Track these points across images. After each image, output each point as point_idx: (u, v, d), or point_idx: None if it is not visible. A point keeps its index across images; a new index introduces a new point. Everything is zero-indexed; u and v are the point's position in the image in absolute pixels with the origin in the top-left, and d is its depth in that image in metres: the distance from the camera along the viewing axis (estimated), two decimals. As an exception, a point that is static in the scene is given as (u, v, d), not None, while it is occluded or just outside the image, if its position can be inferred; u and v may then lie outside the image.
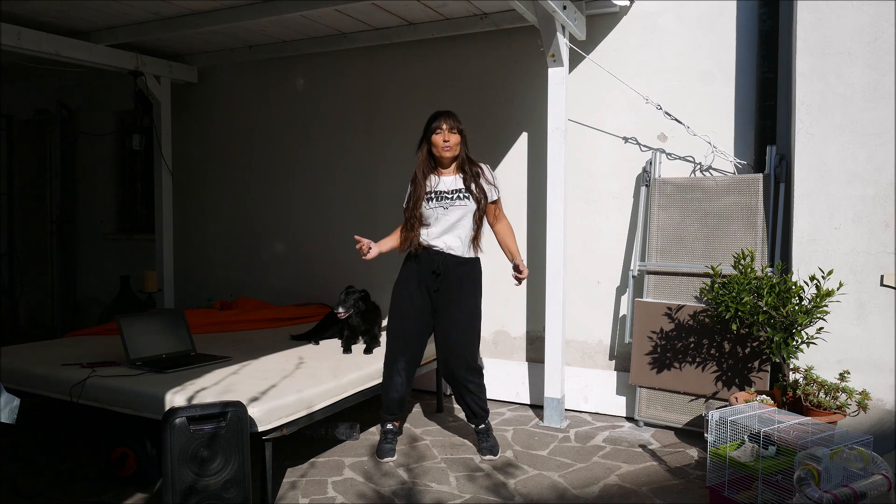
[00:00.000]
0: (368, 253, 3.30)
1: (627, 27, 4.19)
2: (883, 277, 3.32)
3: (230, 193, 5.72)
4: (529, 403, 4.32)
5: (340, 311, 3.83)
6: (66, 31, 4.72)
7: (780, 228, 3.61)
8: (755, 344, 3.55)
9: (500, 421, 4.00)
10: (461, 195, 3.29)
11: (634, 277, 4.05)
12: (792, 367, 3.33)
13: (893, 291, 3.31)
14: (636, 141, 4.19)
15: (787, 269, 3.51)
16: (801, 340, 3.12)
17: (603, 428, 3.89)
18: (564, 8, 3.65)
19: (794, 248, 3.50)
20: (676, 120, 3.95)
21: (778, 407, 3.13)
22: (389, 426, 3.43)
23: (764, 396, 3.17)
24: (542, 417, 3.97)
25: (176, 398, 2.78)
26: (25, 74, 6.09)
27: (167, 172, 5.58)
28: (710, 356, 3.68)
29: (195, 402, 2.72)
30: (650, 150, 4.12)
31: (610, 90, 4.18)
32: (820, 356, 3.36)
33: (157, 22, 4.60)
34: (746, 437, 2.73)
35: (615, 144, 4.24)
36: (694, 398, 3.73)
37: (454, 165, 3.36)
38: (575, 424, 3.96)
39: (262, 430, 2.69)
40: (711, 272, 3.41)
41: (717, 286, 3.32)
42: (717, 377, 3.65)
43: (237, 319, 4.58)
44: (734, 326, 3.26)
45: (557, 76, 3.81)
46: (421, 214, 3.31)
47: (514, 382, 4.36)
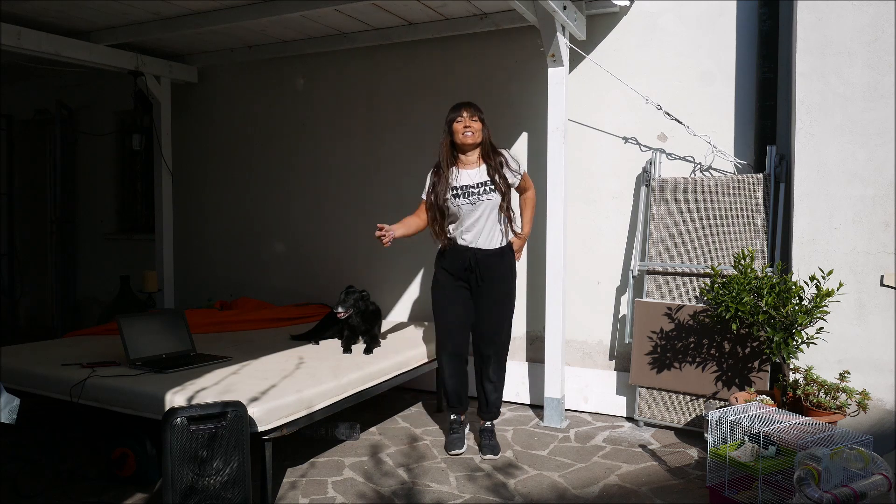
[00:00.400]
0: (388, 243, 3.26)
1: (627, 27, 4.19)
2: (883, 277, 3.32)
3: (230, 193, 5.72)
4: (529, 403, 4.32)
5: (340, 310, 3.82)
6: (66, 31, 4.72)
7: (780, 228, 3.61)
8: (755, 344, 3.55)
9: (500, 421, 4.00)
10: (487, 188, 3.29)
11: (634, 277, 4.05)
12: (792, 367, 3.33)
13: (893, 291, 3.31)
14: (636, 141, 4.19)
15: (787, 269, 3.51)
16: (801, 340, 3.12)
17: (603, 428, 3.89)
18: (564, 8, 3.65)
19: (794, 248, 3.50)
20: (676, 120, 3.95)
21: (778, 407, 3.13)
22: (453, 416, 3.56)
23: (764, 396, 3.17)
24: (542, 417, 3.97)
25: (176, 398, 2.77)
26: (25, 74, 6.09)
27: (167, 172, 5.59)
28: (710, 356, 3.68)
29: (195, 402, 2.72)
30: (650, 150, 4.12)
31: (610, 90, 4.18)
32: (820, 356, 3.36)
33: (157, 22, 4.60)
34: (746, 437, 2.73)
35: (615, 144, 4.24)
36: (694, 398, 3.73)
37: (477, 154, 3.35)
38: (575, 424, 3.96)
39: (262, 430, 2.69)
40: (711, 272, 3.41)
41: (717, 286, 3.32)
42: (717, 377, 3.65)
43: (237, 319, 4.58)
44: (734, 326, 3.26)
45: (557, 76, 3.81)
46: (446, 208, 3.30)
47: (514, 382, 4.36)
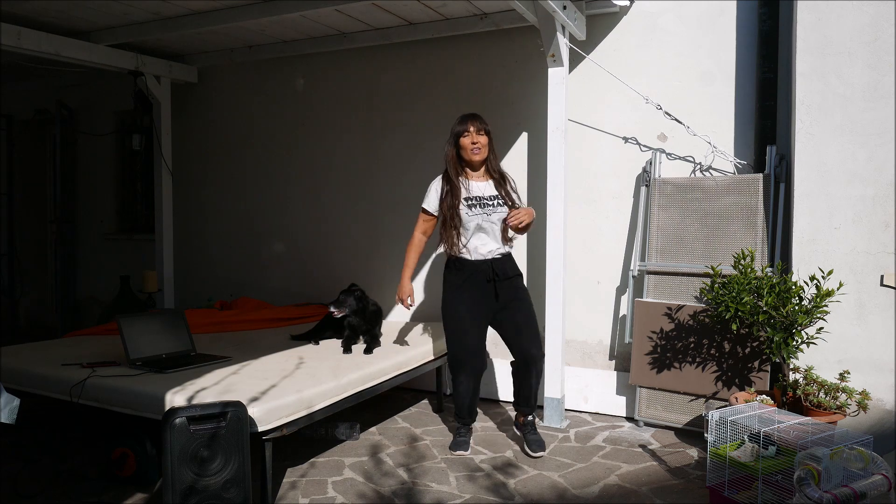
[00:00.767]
0: (411, 299, 3.49)
1: (627, 27, 4.19)
2: (883, 277, 3.32)
3: (230, 193, 5.72)
4: (529, 403, 4.32)
5: (334, 310, 3.84)
6: (66, 31, 4.72)
7: (780, 228, 3.61)
8: (755, 344, 3.55)
9: (500, 421, 4.00)
10: (499, 201, 3.34)
11: (634, 277, 4.05)
12: (792, 367, 3.33)
13: (893, 291, 3.31)
14: (636, 141, 4.19)
15: (787, 269, 3.51)
16: (801, 340, 3.12)
17: (603, 428, 3.89)
18: (564, 8, 3.65)
19: (794, 248, 3.50)
20: (676, 120, 3.95)
21: (778, 407, 3.13)
22: (460, 424, 3.58)
23: (764, 396, 3.17)
24: (542, 417, 3.97)
25: (176, 398, 2.77)
26: (25, 74, 6.09)
27: (167, 172, 5.59)
28: (710, 356, 3.68)
29: (195, 402, 2.72)
30: (650, 150, 4.12)
31: (610, 90, 4.18)
32: (820, 356, 3.36)
33: (157, 22, 4.60)
34: (746, 437, 2.73)
35: (615, 144, 4.24)
36: (694, 398, 3.73)
37: (483, 168, 3.39)
38: (575, 424, 3.96)
39: (262, 430, 2.69)
40: (711, 272, 3.41)
41: (717, 286, 3.32)
42: (717, 377, 3.65)
43: (237, 319, 4.58)
44: (734, 326, 3.26)
45: (557, 76, 3.81)
46: (459, 219, 3.31)
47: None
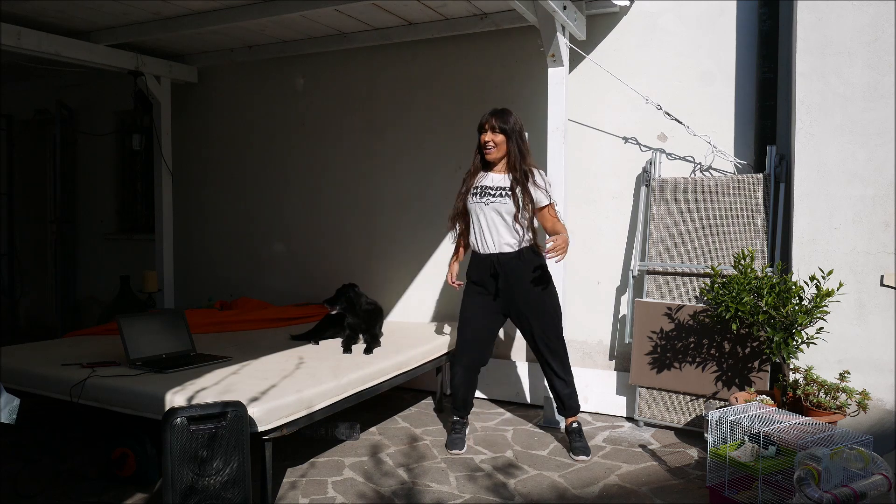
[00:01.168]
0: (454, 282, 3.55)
1: (627, 27, 4.19)
2: (883, 277, 3.32)
3: (230, 193, 5.72)
4: (529, 403, 4.32)
5: (328, 306, 3.94)
6: (66, 31, 4.72)
7: (780, 228, 3.61)
8: (755, 344, 3.55)
9: (499, 421, 4.00)
10: (503, 193, 3.26)
11: (634, 277, 4.05)
12: (792, 367, 3.33)
13: (893, 291, 3.31)
14: (636, 141, 4.19)
15: (787, 269, 3.51)
16: (801, 340, 3.12)
17: (603, 428, 3.89)
18: (564, 8, 3.65)
19: (794, 248, 3.50)
20: (676, 120, 3.95)
21: (778, 407, 3.13)
22: (456, 417, 3.59)
23: (764, 396, 3.17)
24: (542, 417, 3.97)
25: (176, 398, 2.77)
26: (25, 74, 6.09)
27: (167, 172, 5.59)
28: (710, 356, 3.68)
29: (195, 402, 2.72)
30: (650, 150, 4.12)
31: (610, 90, 4.18)
32: (820, 356, 3.36)
33: (157, 22, 4.60)
34: (746, 437, 2.73)
35: (615, 144, 4.24)
36: (694, 398, 3.73)
37: (503, 165, 3.34)
38: (575, 424, 3.96)
39: (262, 430, 2.69)
40: (711, 272, 3.41)
41: (717, 286, 3.32)
42: (717, 377, 3.65)
43: (237, 319, 4.58)
44: (734, 326, 3.26)
45: (557, 76, 3.81)
46: (464, 208, 3.36)
47: (514, 382, 4.36)
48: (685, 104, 4.02)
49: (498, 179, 3.32)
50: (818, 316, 3.06)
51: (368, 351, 3.77)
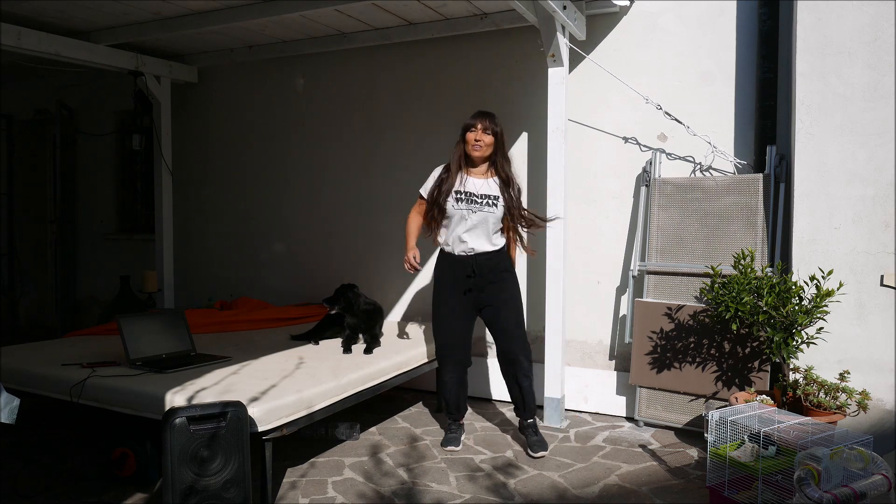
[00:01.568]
0: (417, 263, 3.40)
1: (627, 27, 4.19)
2: (883, 277, 3.32)
3: (230, 193, 5.72)
4: (529, 403, 4.32)
5: (327, 305, 3.96)
6: (66, 31, 4.72)
7: (780, 228, 3.61)
8: (755, 344, 3.55)
9: (499, 421, 4.00)
10: (490, 201, 3.33)
11: (634, 277, 4.05)
12: (792, 367, 3.33)
13: (893, 291, 3.31)
14: (636, 141, 4.19)
15: (787, 269, 3.51)
16: (801, 340, 3.12)
17: (603, 428, 3.89)
18: (564, 8, 3.65)
19: (794, 248, 3.50)
20: (676, 120, 3.95)
21: (778, 407, 3.13)
22: (450, 421, 3.62)
23: (764, 396, 3.17)
24: (542, 417, 3.97)
25: (176, 398, 2.77)
26: (25, 74, 6.09)
27: (167, 172, 5.59)
28: (710, 356, 3.68)
29: (195, 402, 2.72)
30: (650, 150, 4.12)
31: (610, 90, 4.18)
32: (820, 356, 3.36)
33: (157, 22, 4.60)
34: (746, 437, 2.73)
35: (615, 144, 4.24)
36: (694, 398, 3.73)
37: (485, 167, 3.39)
38: (575, 424, 3.96)
39: (262, 430, 2.69)
40: (711, 272, 3.41)
41: (717, 286, 3.32)
42: (717, 377, 3.65)
43: (237, 319, 4.58)
44: (734, 326, 3.26)
45: (557, 76, 3.81)
46: (444, 209, 3.33)
47: (514, 382, 4.36)
48: (685, 104, 4.02)
49: (481, 185, 3.35)
50: (818, 316, 3.06)
51: (368, 351, 3.77)
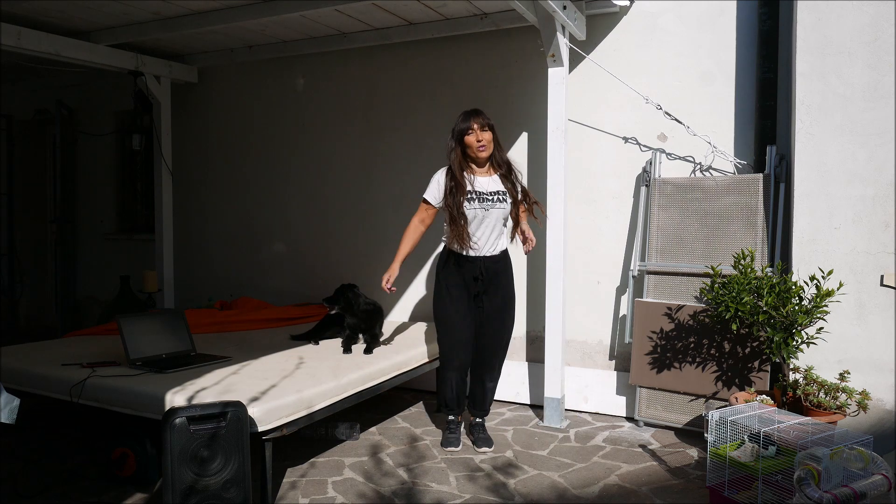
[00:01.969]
0: (391, 285, 3.39)
1: (627, 27, 4.19)
2: (883, 277, 3.32)
3: (230, 193, 5.72)
4: (529, 403, 4.32)
5: (327, 306, 3.97)
6: (66, 31, 4.72)
7: (780, 228, 3.61)
8: (755, 344, 3.55)
9: (499, 421, 4.00)
10: (500, 196, 3.32)
11: (634, 277, 4.05)
12: (792, 367, 3.33)
13: (893, 291, 3.31)
14: (636, 141, 4.19)
15: (787, 269, 3.51)
16: (801, 340, 3.12)
17: (603, 428, 3.89)
18: (564, 8, 3.65)
19: (794, 248, 3.50)
20: (676, 120, 3.95)
21: (778, 407, 3.13)
22: (451, 417, 3.58)
23: (764, 396, 3.17)
24: (542, 417, 3.97)
25: (176, 398, 2.77)
26: (25, 74, 6.09)
27: (167, 172, 5.59)
28: (710, 356, 3.68)
29: (195, 402, 2.72)
30: (650, 150, 4.12)
31: (610, 90, 4.18)
32: (820, 356, 3.36)
33: (157, 22, 4.60)
34: (746, 437, 2.73)
35: (615, 144, 4.24)
36: (694, 398, 3.73)
37: (488, 164, 3.38)
38: (575, 424, 3.96)
39: (262, 430, 2.69)
40: (711, 272, 3.41)
41: (717, 286, 3.32)
42: (717, 377, 3.65)
43: (237, 319, 4.58)
44: (734, 326, 3.26)
45: (557, 76, 3.81)
46: (466, 214, 3.29)
47: (514, 382, 4.36)
48: (685, 104, 4.02)
49: (487, 182, 3.34)
50: (818, 316, 3.06)
51: (368, 351, 3.77)
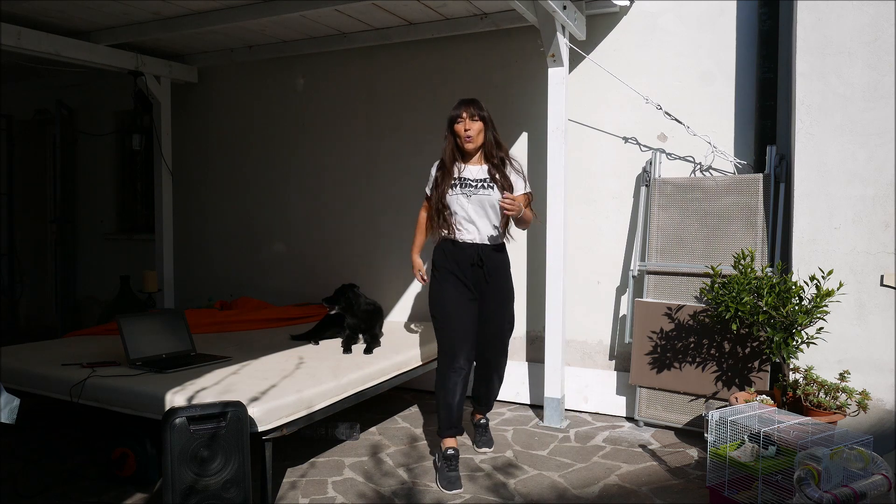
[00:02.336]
0: (422, 272, 3.40)
1: (627, 27, 4.19)
2: (883, 277, 3.32)
3: (230, 193, 5.72)
4: (529, 403, 4.32)
5: (327, 305, 3.96)
6: (66, 31, 4.72)
7: (780, 228, 3.61)
8: (755, 344, 3.55)
9: (500, 421, 4.00)
10: (486, 184, 3.16)
11: (634, 277, 4.05)
12: (792, 367, 3.33)
13: (893, 291, 3.31)
14: (636, 141, 4.19)
15: (787, 269, 3.51)
16: (801, 340, 3.12)
17: (603, 428, 3.89)
18: (564, 8, 3.65)
19: (794, 248, 3.50)
20: (676, 120, 3.95)
21: (778, 407, 3.13)
22: (451, 451, 3.08)
23: (764, 396, 3.17)
24: (542, 417, 3.97)
25: (176, 398, 2.78)
26: (25, 74, 6.09)
27: (167, 172, 5.59)
28: (710, 356, 3.68)
29: (195, 402, 2.72)
30: (650, 150, 4.12)
31: (610, 90, 4.18)
32: (820, 356, 3.36)
33: (157, 22, 4.60)
34: (746, 437, 2.73)
35: (615, 144, 4.24)
36: (694, 398, 3.73)
37: (479, 155, 3.24)
38: (575, 424, 3.96)
39: (262, 430, 2.69)
40: (711, 272, 3.41)
41: (717, 286, 3.32)
42: (717, 377, 3.65)
43: (237, 319, 4.58)
44: (734, 326, 3.26)
45: (557, 76, 3.81)
46: (446, 203, 3.19)
47: (514, 382, 4.36)
48: (685, 104, 4.02)
49: (476, 171, 3.20)
50: (818, 316, 3.06)
51: (368, 351, 3.77)
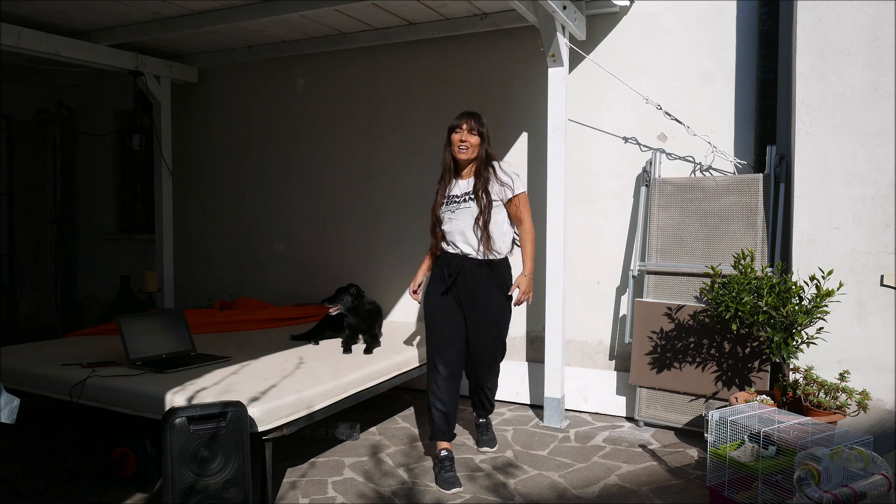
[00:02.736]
0: (418, 290, 3.36)
1: (627, 27, 4.19)
2: (883, 277, 3.32)
3: (230, 193, 5.72)
4: (529, 403, 4.32)
5: (329, 306, 3.92)
6: (66, 31, 4.72)
7: (780, 228, 3.61)
8: (755, 344, 3.55)
9: (500, 421, 4.00)
10: (467, 198, 3.18)
11: (634, 277, 4.05)
12: (792, 367, 3.33)
13: (893, 291, 3.31)
14: (636, 141, 4.19)
15: (787, 269, 3.51)
16: (801, 340, 3.12)
17: (603, 428, 3.89)
18: (564, 8, 3.65)
19: (794, 248, 3.50)
20: (676, 120, 3.95)
21: (778, 407, 3.13)
22: (444, 452, 3.15)
23: (764, 396, 3.17)
24: (542, 417, 3.97)
25: (176, 398, 2.78)
26: (25, 74, 6.09)
27: (167, 172, 5.59)
28: (710, 356, 3.68)
29: (195, 402, 2.72)
30: (650, 150, 4.12)
31: (610, 90, 4.18)
32: (820, 356, 3.36)
33: (157, 22, 4.61)
34: (746, 437, 2.73)
35: (615, 144, 4.24)
36: (694, 398, 3.73)
37: (471, 168, 3.22)
38: (575, 424, 3.96)
39: (262, 430, 2.69)
40: (711, 272, 3.41)
41: (717, 286, 3.32)
42: (717, 377, 3.65)
43: (237, 319, 4.58)
44: (734, 326, 3.26)
45: (557, 76, 3.81)
46: (441, 218, 3.22)
47: (514, 382, 4.36)
48: (685, 104, 4.02)
49: (463, 185, 3.22)
50: (818, 316, 3.06)
51: (368, 351, 3.78)
